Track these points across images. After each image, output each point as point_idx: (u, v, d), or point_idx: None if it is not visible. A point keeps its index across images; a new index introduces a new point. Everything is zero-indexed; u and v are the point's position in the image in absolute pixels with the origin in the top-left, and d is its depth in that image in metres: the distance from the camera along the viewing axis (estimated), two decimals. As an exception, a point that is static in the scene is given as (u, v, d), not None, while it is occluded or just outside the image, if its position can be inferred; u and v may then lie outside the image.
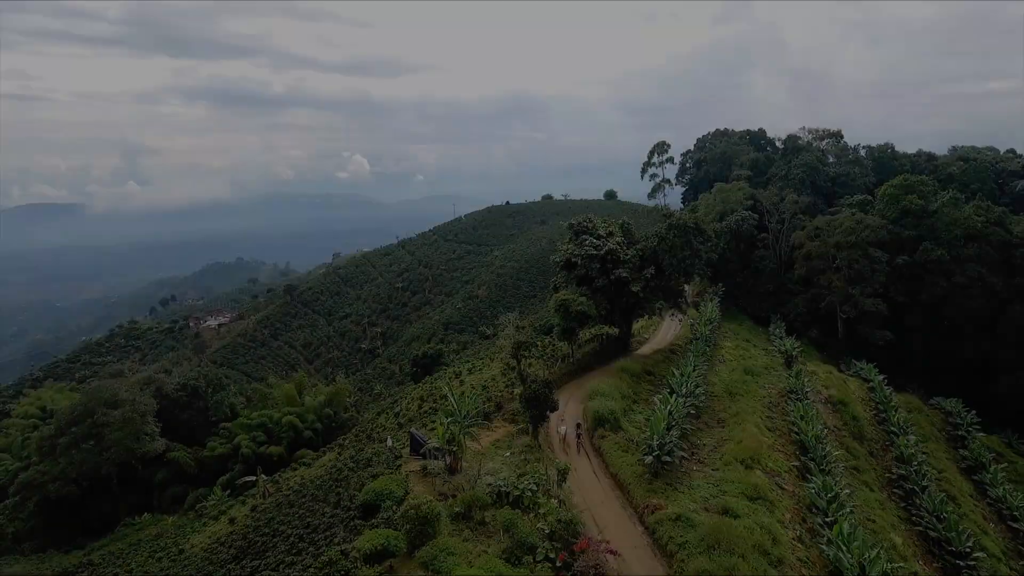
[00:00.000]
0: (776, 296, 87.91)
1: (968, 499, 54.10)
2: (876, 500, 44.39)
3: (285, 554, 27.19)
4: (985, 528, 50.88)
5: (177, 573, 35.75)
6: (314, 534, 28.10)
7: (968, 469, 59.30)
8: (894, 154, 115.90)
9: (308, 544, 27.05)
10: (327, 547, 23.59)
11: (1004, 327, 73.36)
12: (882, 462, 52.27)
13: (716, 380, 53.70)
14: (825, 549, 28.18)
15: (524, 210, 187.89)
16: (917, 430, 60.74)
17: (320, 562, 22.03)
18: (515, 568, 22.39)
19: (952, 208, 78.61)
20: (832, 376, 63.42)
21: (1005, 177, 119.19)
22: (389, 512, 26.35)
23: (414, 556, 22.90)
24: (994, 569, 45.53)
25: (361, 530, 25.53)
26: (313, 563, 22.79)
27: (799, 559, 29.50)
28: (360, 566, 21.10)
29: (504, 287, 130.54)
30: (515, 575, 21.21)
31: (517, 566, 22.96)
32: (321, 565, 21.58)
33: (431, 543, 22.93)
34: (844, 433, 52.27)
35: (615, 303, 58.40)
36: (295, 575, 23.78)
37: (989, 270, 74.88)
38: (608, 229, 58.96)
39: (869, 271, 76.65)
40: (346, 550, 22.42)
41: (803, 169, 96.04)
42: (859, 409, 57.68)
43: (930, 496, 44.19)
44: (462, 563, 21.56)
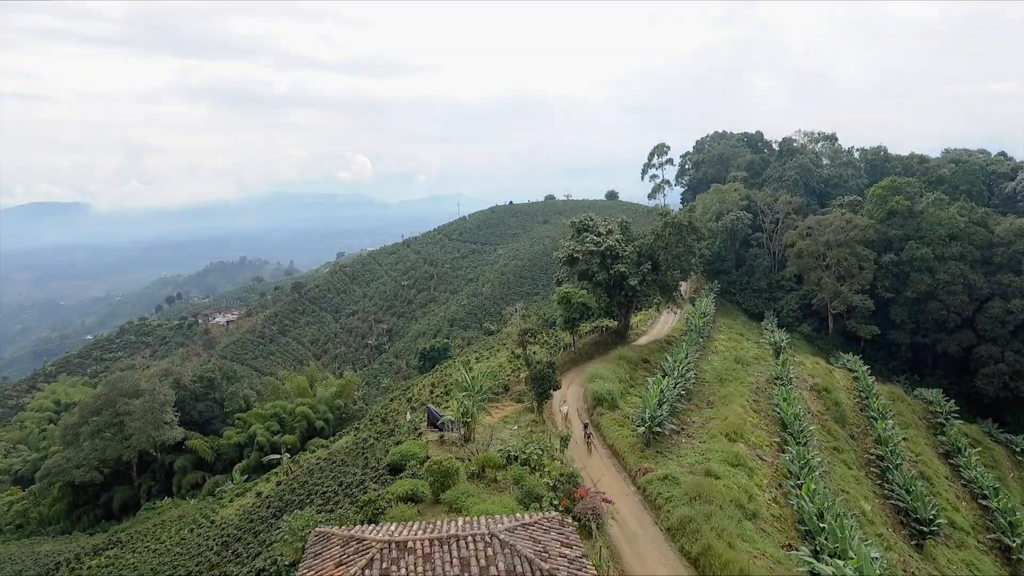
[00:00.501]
0: (769, 293, 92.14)
1: (943, 480, 58.26)
2: (852, 476, 48.60)
3: (323, 504, 31.34)
4: (957, 506, 55.04)
5: (218, 533, 39.88)
6: (348, 489, 32.31)
7: (945, 454, 63.49)
8: (887, 156, 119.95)
9: (343, 496, 31.25)
10: (362, 495, 27.85)
11: (984, 323, 77.47)
12: (862, 444, 56.44)
13: (708, 368, 57.94)
14: (793, 503, 32.43)
15: (527, 210, 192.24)
16: (899, 418, 64.98)
17: (359, 503, 26.28)
18: (525, 510, 26.66)
19: (937, 209, 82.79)
20: (818, 366, 67.61)
21: (995, 179, 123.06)
22: (414, 469, 30.64)
23: (439, 500, 27.23)
24: (961, 540, 49.70)
25: (390, 483, 29.83)
26: (352, 506, 27.01)
27: (772, 515, 33.76)
28: (394, 504, 25.37)
29: (508, 285, 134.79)
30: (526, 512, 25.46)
31: (526, 510, 27.23)
32: (361, 505, 25.81)
33: (453, 489, 27.25)
34: (827, 417, 56.48)
35: (614, 297, 62.66)
36: (340, 511, 27.99)
37: (971, 268, 79.05)
38: (608, 227, 63.18)
39: (857, 268, 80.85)
40: (381, 494, 26.72)
41: (797, 171, 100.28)
42: (842, 396, 61.89)
43: (902, 472, 48.34)
44: (480, 503, 25.84)
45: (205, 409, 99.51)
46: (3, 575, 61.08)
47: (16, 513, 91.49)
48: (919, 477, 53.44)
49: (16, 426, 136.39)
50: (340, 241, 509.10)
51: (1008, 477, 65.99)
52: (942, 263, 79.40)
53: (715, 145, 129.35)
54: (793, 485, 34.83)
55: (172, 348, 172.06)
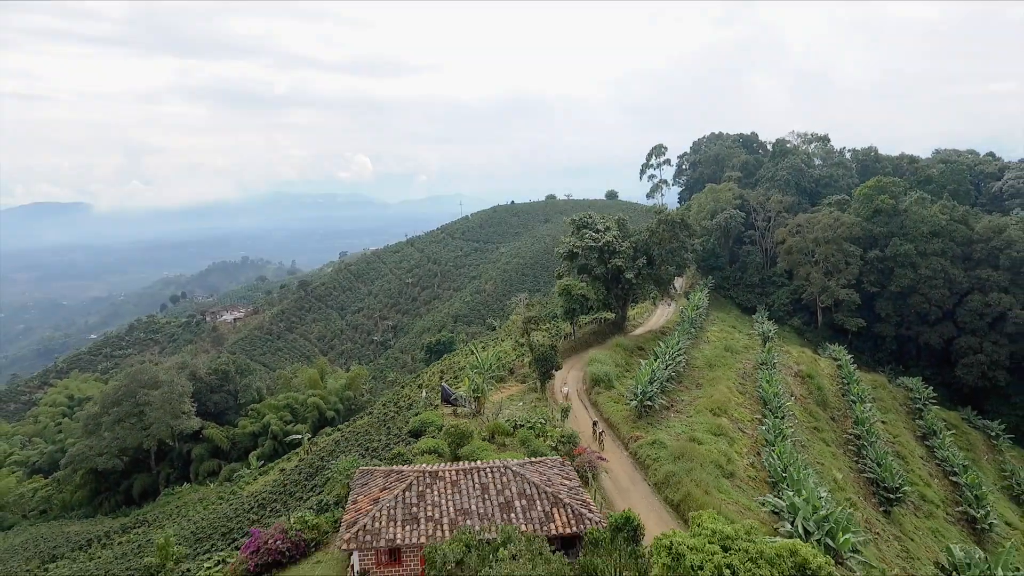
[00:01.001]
0: (761, 287, 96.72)
1: (918, 459, 62.80)
2: (830, 452, 53.15)
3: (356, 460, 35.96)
4: (929, 482, 59.58)
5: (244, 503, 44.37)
6: (374, 451, 36.81)
7: (923, 436, 68.07)
8: (877, 156, 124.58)
9: (371, 457, 35.77)
10: (389, 452, 32.44)
11: (964, 315, 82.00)
12: (841, 426, 60.98)
13: (699, 355, 62.54)
14: (766, 463, 37.04)
15: (528, 209, 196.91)
16: (879, 403, 69.65)
17: (388, 456, 30.87)
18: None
19: (920, 207, 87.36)
20: (804, 355, 72.16)
21: (983, 179, 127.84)
22: (433, 433, 35.28)
23: (457, 456, 31.83)
24: (930, 511, 54.21)
25: (413, 444, 34.44)
26: (382, 461, 31.57)
27: (748, 476, 38.33)
28: (419, 456, 29.96)
29: (510, 282, 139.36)
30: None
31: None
32: (390, 458, 30.38)
33: (468, 446, 31.87)
34: (809, 400, 61.04)
35: (611, 289, 67.27)
36: (373, 465, 32.65)
37: (951, 263, 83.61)
38: (606, 224, 67.82)
39: (844, 264, 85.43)
40: (409, 448, 31.33)
41: (788, 171, 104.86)
42: (825, 382, 66.44)
43: (875, 448, 52.89)
44: (492, 456, 30.44)
45: (220, 400, 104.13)
46: (39, 550, 65.60)
47: (40, 499, 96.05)
48: (895, 456, 58.06)
49: (31, 420, 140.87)
50: (341, 241, 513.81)
51: (982, 459, 70.55)
52: (924, 259, 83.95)
53: (711, 146, 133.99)
54: (768, 450, 39.40)
55: (181, 345, 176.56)
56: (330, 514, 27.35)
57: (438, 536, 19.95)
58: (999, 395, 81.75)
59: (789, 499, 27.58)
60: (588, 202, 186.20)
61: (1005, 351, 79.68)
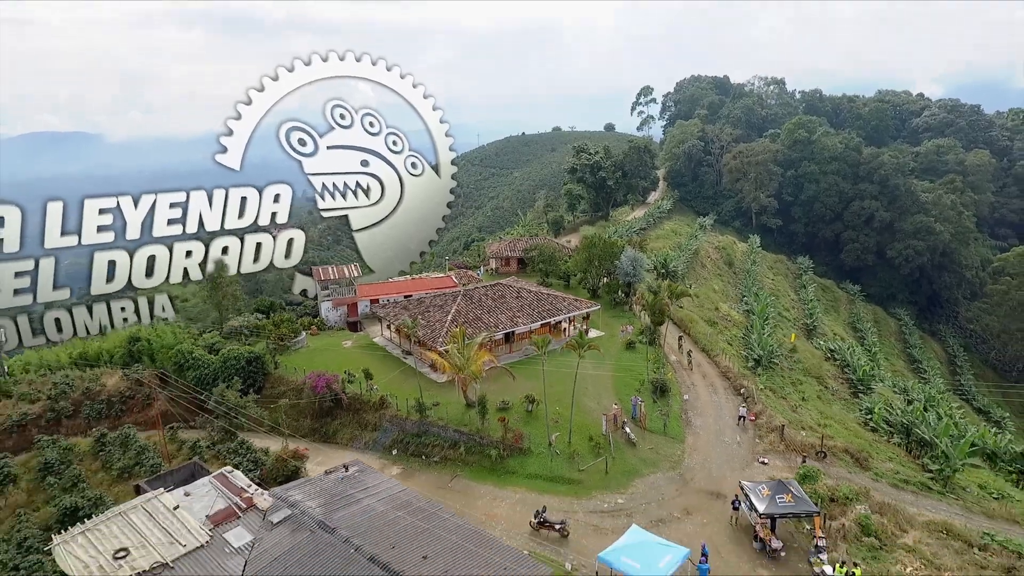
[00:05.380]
0: (714, 199, 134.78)
1: (788, 298, 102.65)
2: (723, 291, 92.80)
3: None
4: (789, 306, 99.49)
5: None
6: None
7: (798, 288, 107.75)
8: (821, 97, 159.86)
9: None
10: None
11: (848, 217, 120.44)
12: (739, 278, 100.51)
13: (652, 234, 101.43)
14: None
15: (537, 139, 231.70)
16: (775, 270, 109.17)
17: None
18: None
19: (825, 138, 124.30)
20: (726, 239, 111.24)
21: (908, 115, 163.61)
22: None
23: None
24: (776, 323, 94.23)
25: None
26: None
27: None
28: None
29: (523, 200, 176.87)
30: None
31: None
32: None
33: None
34: (720, 261, 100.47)
35: (599, 193, 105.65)
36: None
37: (843, 179, 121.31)
38: (596, 150, 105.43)
39: (768, 180, 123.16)
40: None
41: (741, 110, 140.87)
42: (735, 254, 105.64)
43: (752, 282, 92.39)
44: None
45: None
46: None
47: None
48: (771, 294, 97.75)
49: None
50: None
51: (841, 308, 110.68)
52: (824, 176, 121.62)
53: (689, 87, 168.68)
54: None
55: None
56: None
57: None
58: (870, 272, 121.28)
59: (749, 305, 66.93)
60: (589, 133, 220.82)
61: (873, 241, 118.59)
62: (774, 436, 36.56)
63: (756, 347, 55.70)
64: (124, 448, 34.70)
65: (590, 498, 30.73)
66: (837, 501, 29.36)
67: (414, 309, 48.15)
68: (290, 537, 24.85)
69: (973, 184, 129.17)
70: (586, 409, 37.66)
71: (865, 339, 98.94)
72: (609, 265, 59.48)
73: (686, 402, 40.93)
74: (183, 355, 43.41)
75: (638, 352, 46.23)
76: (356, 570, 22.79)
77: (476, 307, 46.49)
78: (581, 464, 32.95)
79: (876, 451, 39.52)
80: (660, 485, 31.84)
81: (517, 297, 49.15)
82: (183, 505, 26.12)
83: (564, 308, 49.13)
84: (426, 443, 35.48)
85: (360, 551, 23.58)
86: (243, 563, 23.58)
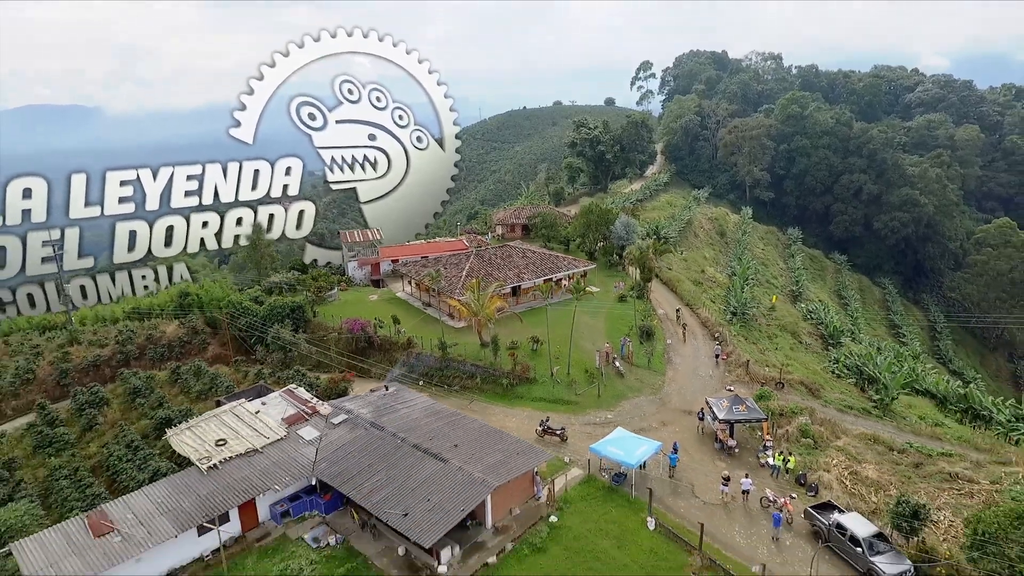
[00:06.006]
0: (710, 172, 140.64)
1: (776, 267, 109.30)
2: (714, 257, 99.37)
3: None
4: (777, 274, 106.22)
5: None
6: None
7: (786, 258, 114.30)
8: (817, 73, 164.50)
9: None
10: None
11: (838, 190, 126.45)
12: (730, 247, 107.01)
13: (649, 204, 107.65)
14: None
15: (538, 114, 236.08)
16: (765, 241, 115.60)
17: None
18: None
19: (817, 113, 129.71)
20: (719, 211, 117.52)
21: (902, 91, 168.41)
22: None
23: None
24: (772, 285, 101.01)
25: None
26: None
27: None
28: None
29: (525, 173, 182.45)
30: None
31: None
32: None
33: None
34: (712, 231, 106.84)
35: (598, 166, 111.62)
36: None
37: (833, 153, 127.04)
38: (595, 124, 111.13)
39: (761, 154, 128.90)
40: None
41: (737, 85, 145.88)
42: (728, 225, 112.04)
43: (740, 249, 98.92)
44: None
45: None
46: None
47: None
48: (760, 263, 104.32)
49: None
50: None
51: (828, 276, 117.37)
52: (816, 150, 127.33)
53: (688, 63, 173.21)
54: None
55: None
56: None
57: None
58: (858, 243, 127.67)
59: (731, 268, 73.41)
60: (589, 108, 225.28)
61: (861, 213, 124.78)
62: (741, 370, 43.51)
63: (733, 302, 62.56)
64: (197, 377, 41.71)
65: (585, 414, 37.78)
66: (784, 415, 36.38)
67: (433, 267, 54.77)
68: (349, 433, 31.96)
69: (961, 158, 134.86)
70: (583, 349, 44.59)
71: (849, 305, 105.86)
72: (605, 230, 66.00)
73: (669, 345, 47.84)
74: (234, 305, 50.17)
75: (629, 304, 53.00)
76: (403, 454, 29.89)
77: (487, 265, 53.18)
78: (578, 390, 39.93)
79: (830, 386, 46.58)
80: (642, 405, 38.88)
81: (523, 257, 55.84)
82: (262, 411, 33.19)
83: (564, 266, 55.86)
84: (447, 375, 42.44)
85: (405, 441, 30.69)
86: (315, 450, 30.71)
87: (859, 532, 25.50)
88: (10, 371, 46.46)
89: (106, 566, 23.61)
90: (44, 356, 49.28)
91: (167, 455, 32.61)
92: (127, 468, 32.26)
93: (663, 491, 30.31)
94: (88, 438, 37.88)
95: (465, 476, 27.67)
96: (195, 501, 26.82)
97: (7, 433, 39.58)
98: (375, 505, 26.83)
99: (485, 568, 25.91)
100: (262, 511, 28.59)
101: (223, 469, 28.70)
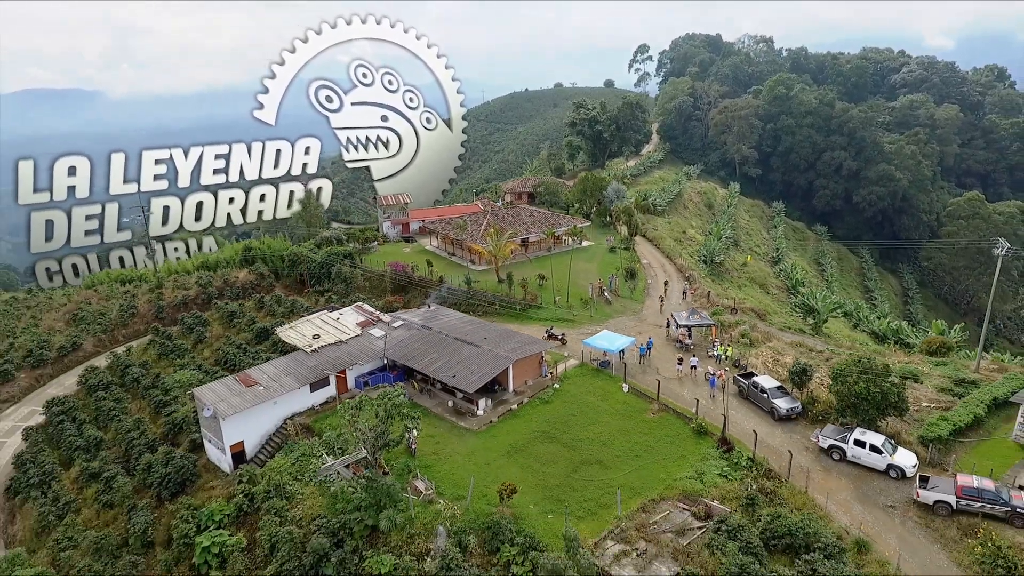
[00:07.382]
0: (702, 151, 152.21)
1: (759, 237, 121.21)
2: (702, 226, 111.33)
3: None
4: (759, 243, 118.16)
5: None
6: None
7: (771, 228, 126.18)
8: (806, 55, 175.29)
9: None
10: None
11: (820, 166, 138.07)
12: (719, 219, 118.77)
13: (644, 179, 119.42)
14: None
15: (540, 96, 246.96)
16: (750, 214, 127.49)
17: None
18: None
19: (802, 94, 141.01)
20: (708, 185, 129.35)
21: (888, 72, 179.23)
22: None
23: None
24: (755, 253, 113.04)
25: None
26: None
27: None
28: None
29: (528, 152, 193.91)
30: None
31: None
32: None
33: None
34: (700, 204, 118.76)
35: (596, 144, 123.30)
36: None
37: (816, 132, 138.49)
38: (593, 105, 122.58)
39: (749, 132, 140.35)
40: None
41: (729, 68, 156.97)
42: (716, 198, 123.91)
43: (726, 218, 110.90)
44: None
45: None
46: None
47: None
48: (744, 231, 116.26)
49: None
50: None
51: (808, 246, 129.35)
52: (800, 129, 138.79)
53: (683, 46, 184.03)
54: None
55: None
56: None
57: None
58: (838, 216, 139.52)
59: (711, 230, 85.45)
60: (589, 89, 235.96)
61: (841, 187, 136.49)
62: (704, 300, 55.81)
63: (704, 252, 74.87)
64: (279, 303, 54.16)
65: (580, 328, 50.12)
66: (731, 326, 48.71)
67: (457, 223, 66.98)
68: (406, 332, 44.41)
69: (941, 137, 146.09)
70: (579, 285, 56.89)
71: (825, 271, 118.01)
72: (599, 195, 78.07)
73: (649, 284, 60.13)
74: (296, 255, 62.44)
75: (617, 254, 65.23)
76: (448, 343, 42.28)
77: (501, 221, 65.43)
78: (575, 312, 52.25)
79: (778, 316, 58.91)
80: (624, 322, 51.23)
81: (530, 216, 68.10)
82: (341, 318, 45.61)
83: (564, 223, 68.07)
84: (472, 304, 54.75)
85: (448, 336, 43.10)
86: (383, 343, 43.13)
87: (767, 385, 37.93)
88: (116, 307, 58.92)
89: (256, 402, 36.07)
90: (139, 298, 61.71)
91: (269, 351, 45.05)
92: (244, 359, 44.72)
93: (635, 372, 42.69)
94: (199, 348, 50.36)
95: (493, 354, 40.06)
96: (306, 369, 39.25)
97: (133, 348, 52.11)
98: (433, 371, 39.26)
99: (509, 412, 38.33)
100: (350, 380, 41.01)
101: (321, 352, 41.12)
